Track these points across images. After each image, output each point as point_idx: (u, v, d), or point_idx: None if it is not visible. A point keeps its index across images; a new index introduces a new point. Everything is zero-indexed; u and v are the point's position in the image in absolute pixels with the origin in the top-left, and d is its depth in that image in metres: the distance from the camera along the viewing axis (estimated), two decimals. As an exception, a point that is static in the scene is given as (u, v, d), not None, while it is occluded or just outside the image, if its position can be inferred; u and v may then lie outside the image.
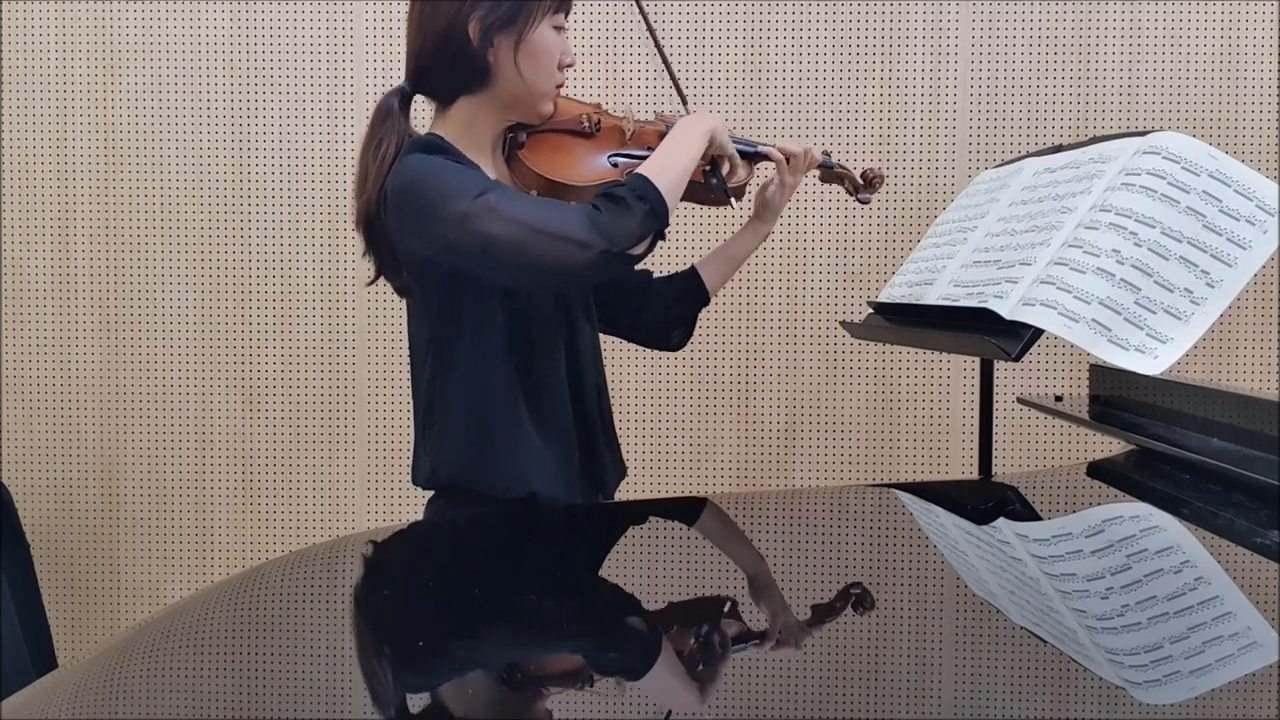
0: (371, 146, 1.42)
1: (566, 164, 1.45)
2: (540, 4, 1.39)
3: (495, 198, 1.31)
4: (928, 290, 1.55)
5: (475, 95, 1.42)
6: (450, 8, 1.38)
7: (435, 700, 0.87)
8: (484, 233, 1.29)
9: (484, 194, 1.31)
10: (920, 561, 1.24)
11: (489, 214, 1.29)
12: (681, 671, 0.94)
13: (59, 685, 0.94)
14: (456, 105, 1.43)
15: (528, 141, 1.46)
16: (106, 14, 2.55)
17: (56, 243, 2.58)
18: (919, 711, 0.83)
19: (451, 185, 1.32)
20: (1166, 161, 1.30)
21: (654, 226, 1.34)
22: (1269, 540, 1.12)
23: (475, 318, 1.40)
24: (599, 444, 1.50)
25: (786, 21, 2.52)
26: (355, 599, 1.15)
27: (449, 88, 1.43)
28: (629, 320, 1.66)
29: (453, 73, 1.41)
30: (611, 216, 1.30)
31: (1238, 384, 2.47)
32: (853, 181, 1.73)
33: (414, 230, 1.36)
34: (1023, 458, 2.52)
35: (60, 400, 2.58)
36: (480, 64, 1.39)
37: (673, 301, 1.65)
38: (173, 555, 2.61)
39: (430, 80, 1.44)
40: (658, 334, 1.68)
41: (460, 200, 1.30)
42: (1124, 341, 1.22)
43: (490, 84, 1.41)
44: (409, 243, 1.38)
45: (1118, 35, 2.50)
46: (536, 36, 1.40)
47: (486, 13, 1.37)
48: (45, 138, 2.57)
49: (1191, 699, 0.83)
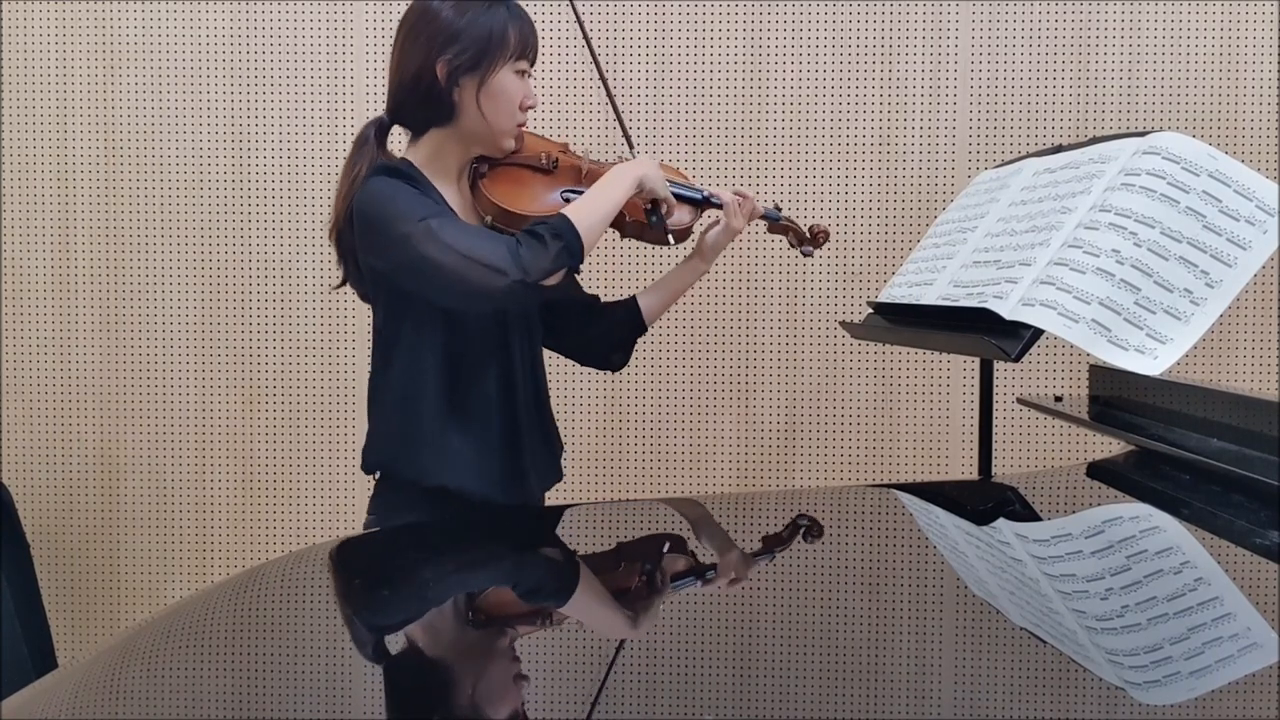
0: (348, 170, 1.60)
1: (521, 196, 1.61)
2: (502, 52, 1.55)
3: (436, 223, 1.46)
4: (927, 290, 1.55)
5: (443, 128, 1.58)
6: (423, 50, 1.54)
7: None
8: (420, 253, 1.45)
9: (426, 219, 1.46)
10: (920, 562, 1.24)
11: (427, 237, 1.45)
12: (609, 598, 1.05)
13: (59, 685, 0.94)
14: (426, 136, 1.60)
15: (489, 173, 1.62)
16: (106, 14, 2.55)
17: (56, 243, 2.58)
18: (919, 711, 0.83)
19: (400, 208, 1.48)
20: (1166, 162, 1.30)
21: (566, 263, 1.49)
22: (1269, 540, 1.12)
23: (415, 326, 1.56)
24: (526, 449, 1.61)
25: (786, 21, 2.52)
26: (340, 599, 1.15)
27: (420, 121, 1.59)
28: (573, 339, 1.79)
29: (423, 108, 1.57)
30: (529, 250, 1.46)
31: (1238, 384, 2.47)
32: (798, 235, 1.83)
33: (369, 245, 1.52)
34: (1023, 458, 2.52)
35: (60, 400, 2.58)
36: (446, 102, 1.55)
37: (613, 326, 1.78)
38: (173, 555, 2.61)
39: (404, 113, 1.60)
40: (598, 354, 1.81)
41: (405, 223, 1.47)
42: (1124, 342, 1.22)
43: (455, 120, 1.57)
44: (369, 258, 1.54)
45: (1118, 35, 2.50)
46: (497, 80, 1.55)
47: (453, 56, 1.53)
48: (45, 138, 2.57)
49: (1191, 699, 0.83)
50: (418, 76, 1.54)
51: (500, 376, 1.60)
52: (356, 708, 0.87)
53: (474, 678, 0.93)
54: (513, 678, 0.92)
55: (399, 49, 1.58)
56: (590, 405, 2.55)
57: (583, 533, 1.47)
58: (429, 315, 1.54)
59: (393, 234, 1.47)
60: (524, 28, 1.58)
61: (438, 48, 1.53)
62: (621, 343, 1.79)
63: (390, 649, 1.01)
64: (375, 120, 1.62)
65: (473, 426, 1.57)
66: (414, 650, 1.00)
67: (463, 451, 1.56)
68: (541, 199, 1.62)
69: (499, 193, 1.59)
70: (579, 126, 2.54)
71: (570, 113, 2.54)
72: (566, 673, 0.93)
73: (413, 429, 1.56)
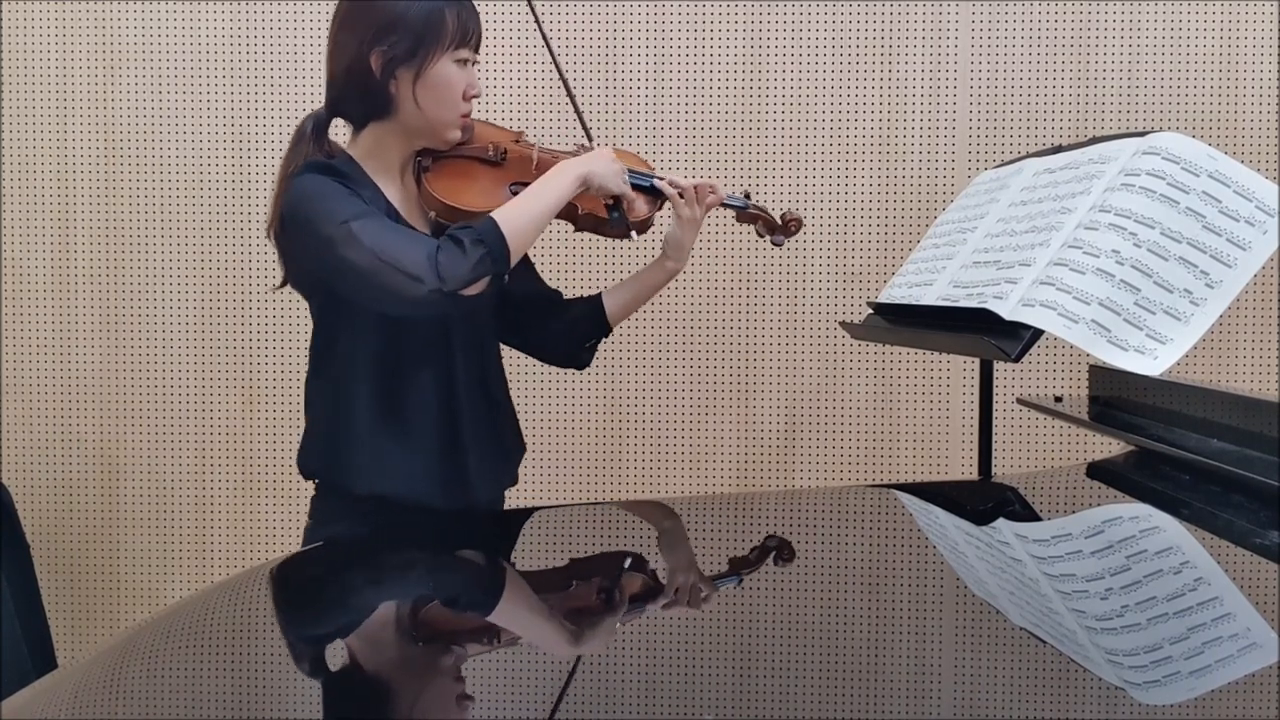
0: (285, 166, 1.54)
1: (466, 190, 1.54)
2: (439, 41, 1.48)
3: (357, 225, 1.40)
4: (927, 291, 1.55)
5: (382, 122, 1.52)
6: (356, 42, 1.48)
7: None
8: (341, 256, 1.40)
9: (348, 221, 1.40)
10: (920, 562, 1.24)
11: (348, 239, 1.39)
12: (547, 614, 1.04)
13: (59, 685, 0.94)
14: (367, 129, 1.54)
15: (433, 166, 1.55)
16: (106, 14, 2.55)
17: (56, 242, 2.58)
18: (919, 711, 0.83)
19: (326, 208, 1.42)
20: (1166, 162, 1.30)
21: (489, 271, 1.41)
22: (1269, 540, 1.12)
23: (348, 330, 1.51)
24: (470, 455, 1.56)
25: (786, 21, 2.52)
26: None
27: (358, 114, 1.54)
28: (533, 336, 1.73)
29: (360, 102, 1.52)
30: (448, 257, 1.39)
31: (1237, 384, 2.47)
32: (768, 223, 1.74)
33: (297, 245, 1.48)
34: (1023, 458, 2.52)
35: (60, 400, 2.58)
36: (383, 95, 1.49)
37: (574, 324, 1.71)
38: (173, 555, 2.61)
39: (342, 107, 1.54)
40: (559, 353, 1.75)
41: (328, 224, 1.41)
42: (1123, 342, 1.22)
43: (393, 113, 1.51)
44: (297, 257, 1.51)
45: (1118, 35, 2.50)
46: (436, 71, 1.48)
47: (388, 48, 1.47)
48: (45, 138, 2.57)
49: (1191, 699, 0.83)
50: (350, 70, 1.48)
51: (440, 382, 1.54)
52: (357, 708, 0.87)
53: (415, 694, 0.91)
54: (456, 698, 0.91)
55: (332, 40, 1.52)
56: (590, 405, 2.55)
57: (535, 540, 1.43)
58: (362, 318, 1.49)
59: (318, 235, 1.41)
60: (463, 13, 1.50)
61: (371, 38, 1.46)
62: (583, 342, 1.72)
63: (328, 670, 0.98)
64: (313, 114, 1.56)
65: (409, 433, 1.52)
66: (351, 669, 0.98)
67: (397, 458, 1.51)
68: (488, 194, 1.54)
69: (442, 187, 1.53)
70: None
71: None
72: (516, 689, 0.93)
73: (345, 436, 1.51)
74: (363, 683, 0.93)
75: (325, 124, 1.56)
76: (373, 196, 1.49)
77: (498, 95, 2.52)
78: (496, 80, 2.52)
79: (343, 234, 1.39)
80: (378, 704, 0.88)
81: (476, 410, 1.58)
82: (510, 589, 1.22)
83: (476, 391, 1.59)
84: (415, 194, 1.56)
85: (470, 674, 0.95)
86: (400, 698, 0.90)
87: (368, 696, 0.90)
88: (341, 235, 1.39)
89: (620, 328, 1.76)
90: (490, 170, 1.57)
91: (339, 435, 1.52)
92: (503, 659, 0.98)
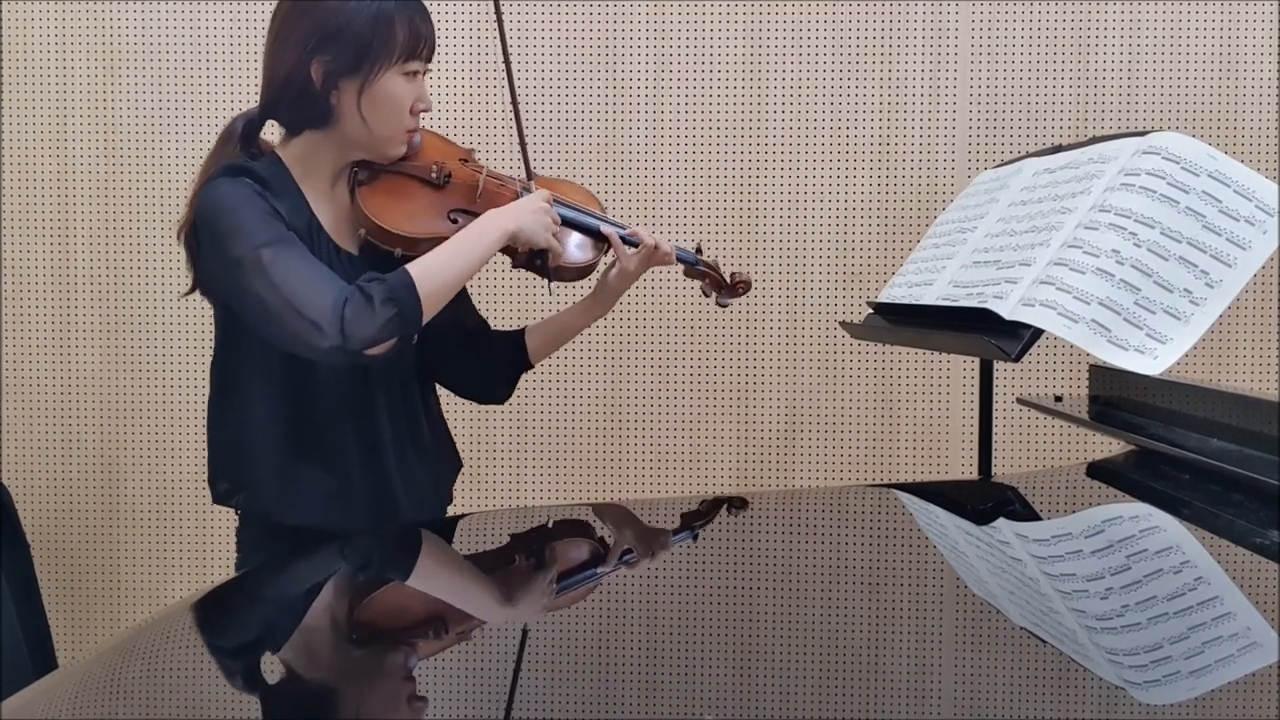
0: (205, 168, 1.44)
1: (400, 213, 1.42)
2: (387, 53, 1.37)
3: (270, 254, 1.30)
4: (927, 290, 1.55)
5: (319, 131, 1.42)
6: (296, 49, 1.38)
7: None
8: (244, 284, 1.31)
9: (261, 247, 1.31)
10: (920, 562, 1.24)
11: (257, 269, 1.30)
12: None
13: (59, 685, 0.94)
14: (301, 136, 1.44)
15: (368, 181, 1.44)
16: (106, 14, 2.55)
17: (56, 243, 2.58)
18: (919, 711, 0.83)
19: (239, 225, 1.32)
20: (1166, 162, 1.30)
21: (397, 332, 1.32)
22: (1269, 540, 1.12)
23: (253, 345, 1.40)
24: (397, 479, 1.47)
25: (786, 21, 2.52)
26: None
27: (294, 122, 1.43)
28: (448, 370, 1.62)
29: (296, 109, 1.41)
30: (354, 313, 1.29)
31: (1237, 384, 2.47)
32: (715, 281, 1.65)
33: (205, 255, 1.38)
34: (1023, 458, 2.52)
35: (60, 400, 2.58)
36: (322, 106, 1.39)
37: (493, 359, 1.63)
38: (173, 555, 2.61)
39: (276, 111, 1.44)
40: (475, 388, 1.65)
41: (239, 244, 1.31)
42: (1124, 342, 1.22)
43: (332, 124, 1.41)
44: (204, 264, 1.40)
45: (1117, 35, 2.50)
46: (382, 85, 1.38)
47: (331, 58, 1.36)
48: (45, 138, 2.57)
49: (1191, 699, 0.83)
50: (288, 78, 1.38)
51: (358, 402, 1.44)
52: (357, 707, 0.87)
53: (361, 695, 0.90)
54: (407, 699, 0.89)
55: (270, 43, 1.41)
56: (590, 405, 2.55)
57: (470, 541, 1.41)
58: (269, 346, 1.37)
59: (223, 253, 1.32)
60: (415, 23, 1.39)
61: (312, 46, 1.36)
62: (501, 378, 1.63)
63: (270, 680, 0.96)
64: (245, 115, 1.46)
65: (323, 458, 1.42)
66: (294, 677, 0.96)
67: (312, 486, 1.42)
68: (425, 219, 1.42)
69: (376, 206, 1.41)
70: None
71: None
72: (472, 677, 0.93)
73: (253, 465, 1.42)
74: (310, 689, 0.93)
75: (258, 126, 1.47)
76: (294, 207, 1.39)
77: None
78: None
79: (251, 260, 1.30)
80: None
81: (399, 430, 1.48)
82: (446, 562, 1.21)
83: (399, 412, 1.49)
84: (346, 207, 1.45)
85: (473, 671, 0.95)
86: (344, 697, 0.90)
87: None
88: (250, 261, 1.30)
89: (620, 327, 1.74)
90: (431, 193, 1.45)
91: (249, 462, 1.43)
92: (505, 659, 0.98)
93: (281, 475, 1.42)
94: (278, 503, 1.42)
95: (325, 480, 1.43)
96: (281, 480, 1.42)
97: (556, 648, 1.00)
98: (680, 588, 1.16)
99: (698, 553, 1.31)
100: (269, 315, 1.30)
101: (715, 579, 1.20)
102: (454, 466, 1.62)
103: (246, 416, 1.42)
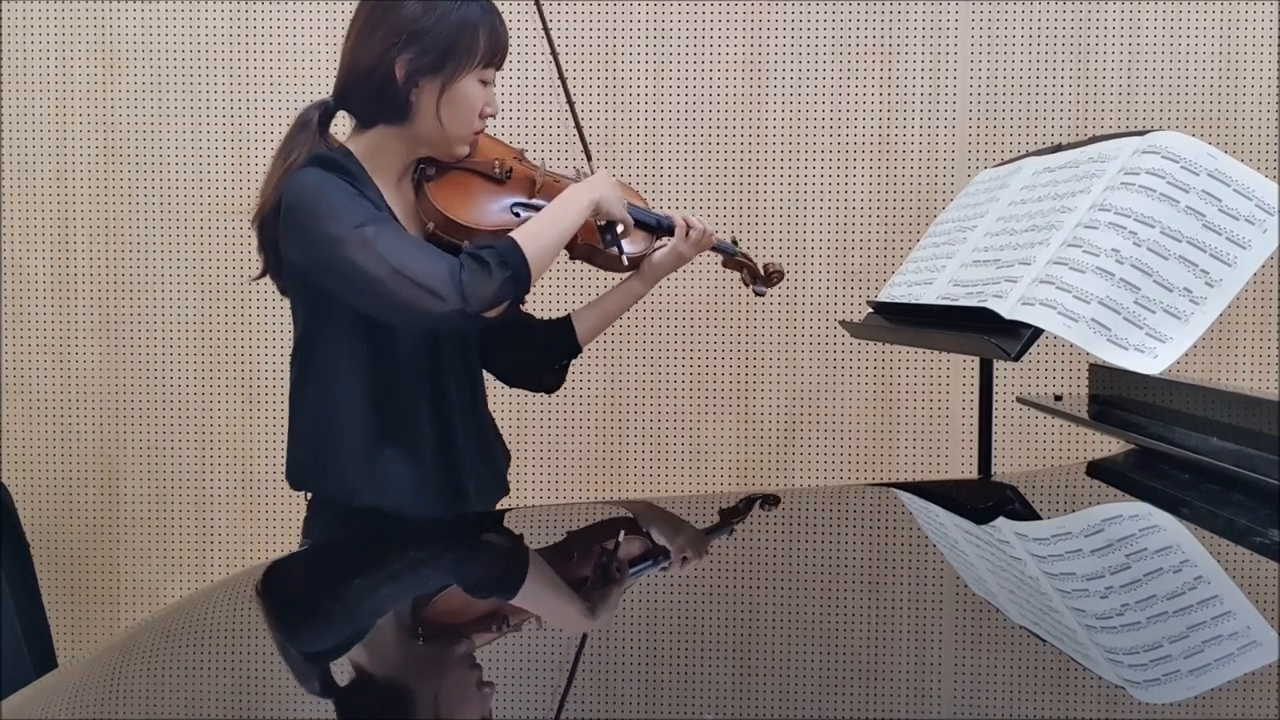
0: (283, 153, 1.49)
1: (468, 205, 1.49)
2: (469, 58, 1.44)
3: (373, 231, 1.36)
4: (927, 290, 1.55)
5: (392, 126, 1.47)
6: (381, 44, 1.43)
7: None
8: (351, 260, 1.35)
9: (363, 225, 1.36)
10: (920, 561, 1.24)
11: (362, 244, 1.35)
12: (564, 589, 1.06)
13: (59, 685, 0.94)
14: (373, 130, 1.49)
15: (436, 176, 1.51)
16: (106, 14, 2.55)
17: (56, 243, 2.58)
18: (919, 711, 0.83)
19: (335, 207, 1.37)
20: (1166, 161, 1.30)
21: (512, 293, 1.39)
22: (1269, 540, 1.12)
23: (340, 333, 1.45)
24: (464, 464, 1.52)
25: (786, 21, 2.52)
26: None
27: (368, 115, 1.48)
28: (502, 358, 1.67)
29: (374, 103, 1.46)
30: (472, 277, 1.35)
31: (1238, 384, 2.47)
32: (752, 271, 1.74)
33: (294, 240, 1.42)
34: (1022, 457, 2.52)
35: (60, 400, 2.58)
36: (401, 102, 1.45)
37: (545, 346, 1.67)
38: (173, 555, 2.61)
39: (352, 103, 1.49)
40: (528, 376, 1.70)
41: (338, 224, 1.36)
42: (1123, 341, 1.22)
43: (408, 121, 1.46)
44: (289, 250, 1.44)
45: (1117, 35, 2.50)
46: (460, 87, 1.45)
47: (415, 56, 1.42)
48: (45, 138, 2.57)
49: (1191, 698, 0.83)
50: (370, 71, 1.43)
51: (433, 391, 1.49)
52: (357, 708, 0.87)
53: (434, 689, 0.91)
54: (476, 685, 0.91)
55: (354, 36, 1.46)
56: (590, 405, 2.55)
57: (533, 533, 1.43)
58: (353, 324, 1.44)
59: (321, 232, 1.37)
60: (496, 33, 1.47)
61: (399, 44, 1.41)
62: (553, 365, 1.68)
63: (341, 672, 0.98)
64: (320, 103, 1.52)
65: (404, 444, 1.47)
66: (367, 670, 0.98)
67: (394, 470, 1.46)
68: (490, 211, 1.50)
69: (445, 199, 1.48)
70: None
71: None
72: (532, 674, 0.93)
73: (337, 448, 1.46)
74: (368, 679, 0.93)
75: (332, 115, 1.52)
76: (375, 199, 1.45)
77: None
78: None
79: (356, 238, 1.35)
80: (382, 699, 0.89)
81: (467, 421, 1.54)
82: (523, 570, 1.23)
83: (467, 402, 1.55)
84: (411, 201, 1.52)
85: (463, 667, 0.95)
86: (412, 693, 0.90)
87: (373, 693, 0.90)
88: (355, 239, 1.35)
89: (620, 327, 1.75)
90: (493, 187, 1.53)
91: (332, 445, 1.47)
92: (500, 651, 0.98)
93: (366, 460, 1.45)
94: (361, 487, 1.45)
95: (406, 466, 1.47)
96: (366, 465, 1.45)
97: (557, 647, 1.00)
98: (680, 587, 1.16)
99: (658, 568, 1.31)
100: (377, 287, 1.35)
101: (715, 579, 1.20)
102: (506, 458, 1.67)
103: (330, 403, 1.47)
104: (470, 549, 1.38)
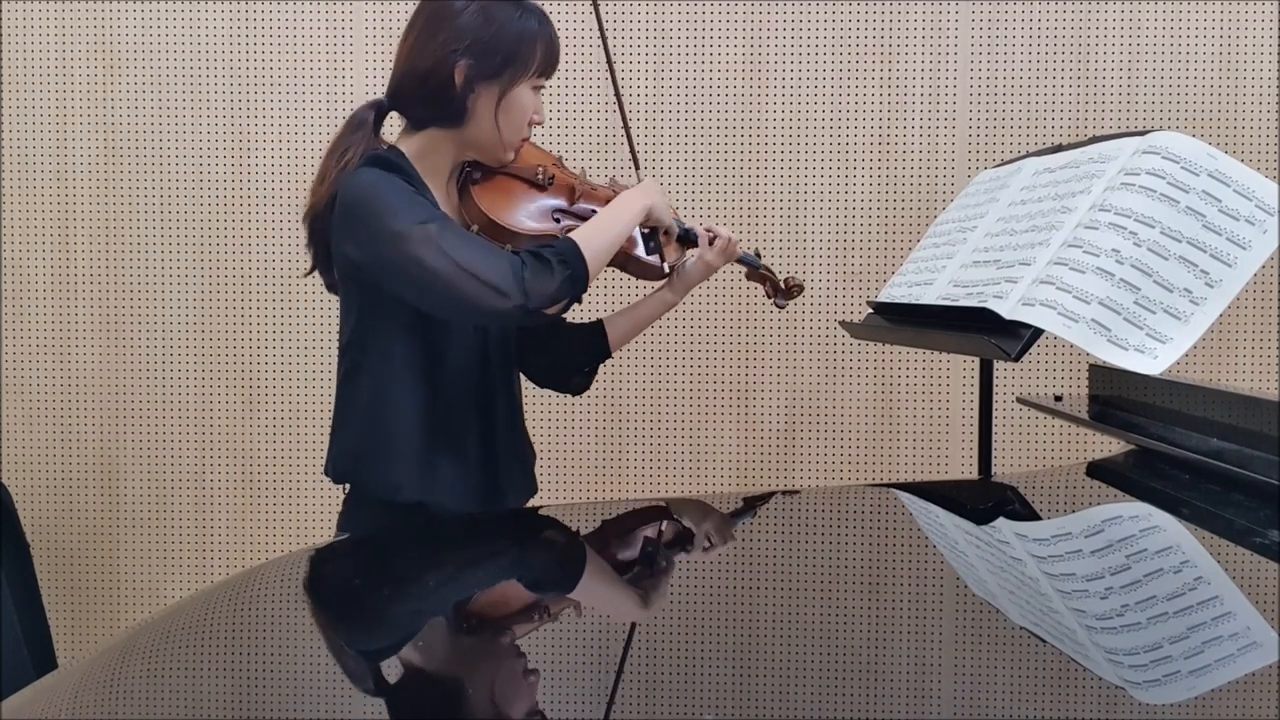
0: (336, 152, 1.50)
1: (512, 209, 1.53)
2: (526, 66, 1.48)
3: (436, 228, 1.39)
4: (927, 290, 1.55)
5: (444, 129, 1.50)
6: (442, 48, 1.45)
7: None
8: (415, 257, 1.38)
9: (426, 222, 1.39)
10: (920, 561, 1.24)
11: (425, 241, 1.38)
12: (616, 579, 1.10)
13: (59, 685, 0.94)
14: (425, 132, 1.51)
15: (481, 180, 1.54)
16: (106, 14, 2.55)
17: (56, 243, 2.58)
18: (919, 711, 0.83)
19: (397, 205, 1.40)
20: (1166, 161, 1.30)
21: (571, 292, 1.42)
22: (1269, 540, 1.12)
23: (391, 329, 1.47)
24: (502, 464, 1.56)
25: (786, 21, 2.52)
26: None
27: (422, 117, 1.51)
28: (534, 359, 1.70)
29: (428, 105, 1.49)
30: (534, 275, 1.38)
31: (1238, 384, 2.47)
32: (773, 285, 1.79)
33: (352, 237, 1.43)
34: (1023, 458, 2.52)
35: (60, 400, 2.58)
36: (458, 106, 1.47)
37: (575, 349, 1.70)
38: (173, 555, 2.61)
39: (406, 104, 1.52)
40: (558, 377, 1.73)
41: (401, 221, 1.39)
42: (1123, 341, 1.22)
43: (463, 124, 1.49)
44: (345, 247, 1.45)
45: (1117, 35, 2.50)
46: (516, 94, 1.49)
47: (476, 61, 1.45)
48: (45, 138, 2.57)
49: (1191, 699, 0.83)
50: (429, 74, 1.46)
51: (480, 395, 1.53)
52: (357, 708, 0.87)
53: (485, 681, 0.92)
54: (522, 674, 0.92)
55: (412, 39, 1.49)
56: (590, 406, 2.55)
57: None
58: (405, 321, 1.47)
59: (384, 229, 1.39)
60: (551, 43, 1.51)
61: (461, 50, 1.45)
62: (584, 367, 1.71)
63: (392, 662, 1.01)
64: (374, 103, 1.54)
65: (453, 446, 1.50)
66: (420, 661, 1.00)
67: (442, 470, 1.48)
68: (532, 215, 1.54)
69: (489, 203, 1.52)
70: (573, 140, 2.54)
71: (564, 125, 2.54)
72: (575, 667, 0.93)
73: (385, 443, 1.48)
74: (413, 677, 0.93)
75: (385, 114, 1.54)
76: (430, 200, 1.48)
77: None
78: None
79: (420, 234, 1.37)
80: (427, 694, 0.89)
81: (505, 419, 1.58)
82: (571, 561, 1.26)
83: (507, 405, 1.58)
84: (455, 203, 1.55)
85: (473, 666, 0.95)
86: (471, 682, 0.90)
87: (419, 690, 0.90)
88: (419, 235, 1.37)
89: (620, 327, 1.76)
90: (535, 192, 1.57)
91: (383, 443, 1.48)
92: (507, 651, 0.98)
93: (417, 460, 1.47)
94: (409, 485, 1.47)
95: (454, 467, 1.50)
96: (416, 465, 1.47)
97: (556, 648, 1.00)
98: (680, 587, 1.16)
99: (698, 552, 1.31)
100: (439, 283, 1.37)
101: (715, 579, 1.20)
102: (533, 458, 1.69)
103: (383, 402, 1.48)
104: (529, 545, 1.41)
